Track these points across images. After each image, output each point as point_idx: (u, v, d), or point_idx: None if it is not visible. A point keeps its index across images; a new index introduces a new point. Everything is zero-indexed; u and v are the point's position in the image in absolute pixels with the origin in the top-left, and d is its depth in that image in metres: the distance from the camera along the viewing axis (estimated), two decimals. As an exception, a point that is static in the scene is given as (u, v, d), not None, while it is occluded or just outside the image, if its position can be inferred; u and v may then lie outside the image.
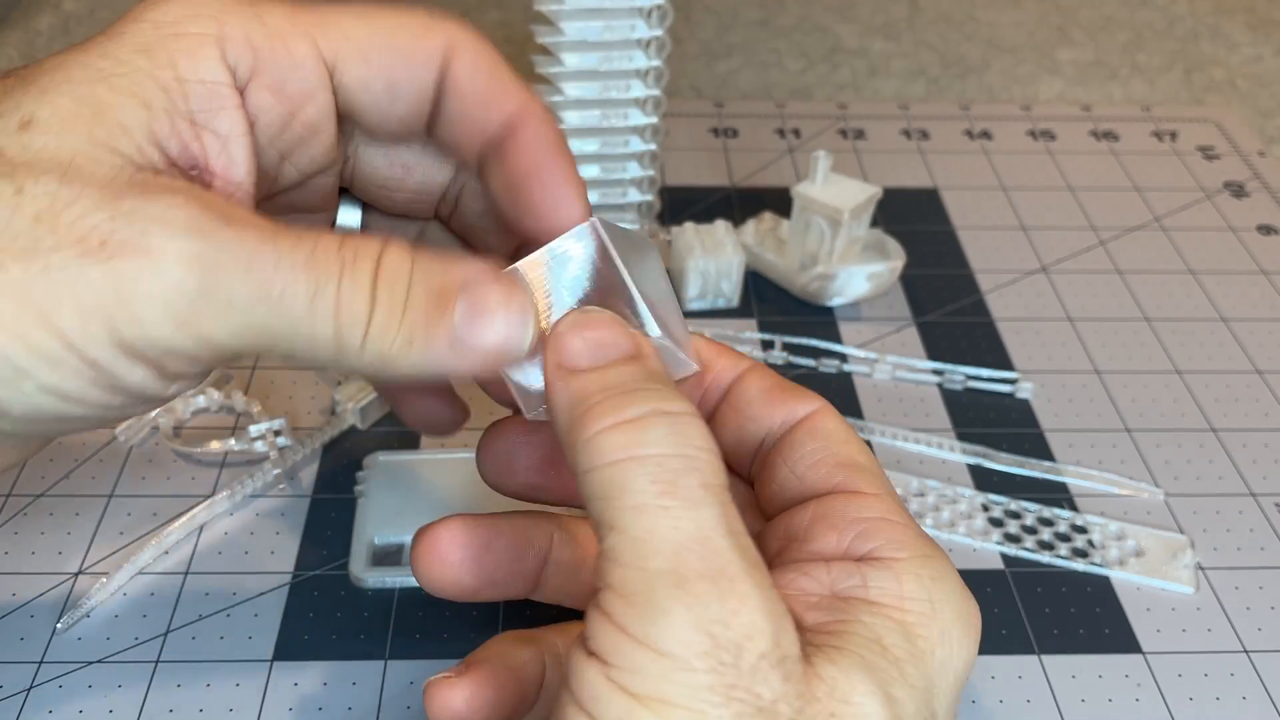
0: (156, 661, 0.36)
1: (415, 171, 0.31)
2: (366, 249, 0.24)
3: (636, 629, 0.22)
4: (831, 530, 0.26)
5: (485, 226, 0.32)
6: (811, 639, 0.24)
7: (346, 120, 0.28)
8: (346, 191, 0.32)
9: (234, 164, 0.26)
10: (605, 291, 0.26)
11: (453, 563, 0.29)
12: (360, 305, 0.24)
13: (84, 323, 0.22)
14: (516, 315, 0.25)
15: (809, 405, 0.29)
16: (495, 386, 0.31)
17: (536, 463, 0.30)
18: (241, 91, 0.26)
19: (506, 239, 0.32)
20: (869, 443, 0.44)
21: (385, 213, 0.32)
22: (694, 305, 0.50)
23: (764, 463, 0.29)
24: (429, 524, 0.30)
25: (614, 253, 0.26)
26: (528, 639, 0.30)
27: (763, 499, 0.29)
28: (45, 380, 0.23)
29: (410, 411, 0.35)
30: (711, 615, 0.22)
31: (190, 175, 0.25)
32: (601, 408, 0.23)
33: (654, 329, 0.26)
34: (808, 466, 0.28)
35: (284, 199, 0.29)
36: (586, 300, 0.26)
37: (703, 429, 0.24)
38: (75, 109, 0.23)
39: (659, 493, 0.22)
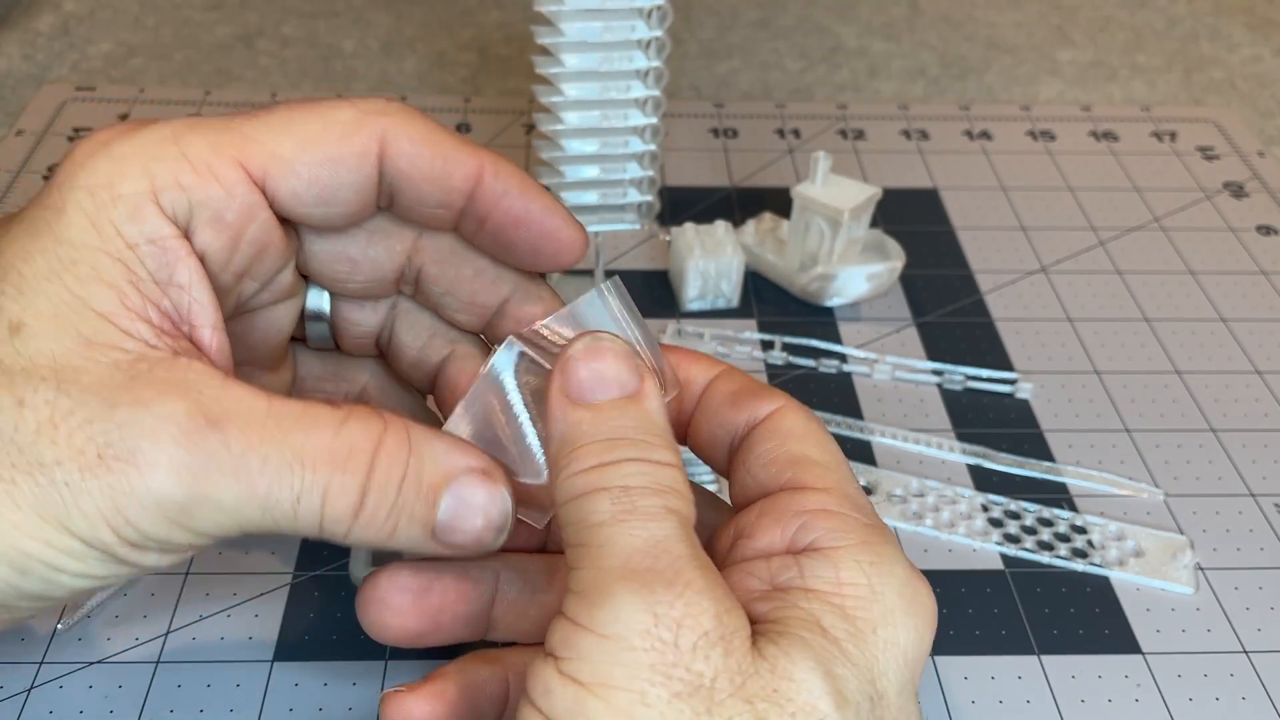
0: (157, 662, 0.36)
1: (362, 266, 0.31)
2: (363, 443, 0.26)
3: (584, 617, 0.23)
4: (775, 526, 0.27)
5: (449, 303, 0.32)
6: (756, 626, 0.25)
7: (291, 221, 0.29)
8: None
9: (201, 307, 0.27)
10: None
11: (395, 607, 0.29)
12: (346, 506, 0.25)
13: (92, 526, 0.24)
14: (497, 519, 0.27)
15: (771, 404, 0.29)
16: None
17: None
18: (185, 234, 0.27)
19: (474, 309, 0.32)
20: (868, 443, 0.44)
21: (348, 296, 0.32)
22: (694, 305, 0.50)
23: (731, 465, 0.30)
24: (370, 573, 0.30)
25: (620, 313, 0.29)
26: (491, 659, 0.31)
27: (733, 502, 0.30)
28: (75, 570, 0.25)
29: None
30: (655, 597, 0.23)
31: (179, 332, 0.26)
32: (588, 450, 0.25)
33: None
34: (762, 465, 0.28)
35: (253, 303, 0.30)
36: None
37: (679, 476, 0.25)
38: (54, 309, 0.25)
39: (619, 511, 0.24)
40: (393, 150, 0.28)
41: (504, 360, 0.28)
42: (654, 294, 0.51)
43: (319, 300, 0.32)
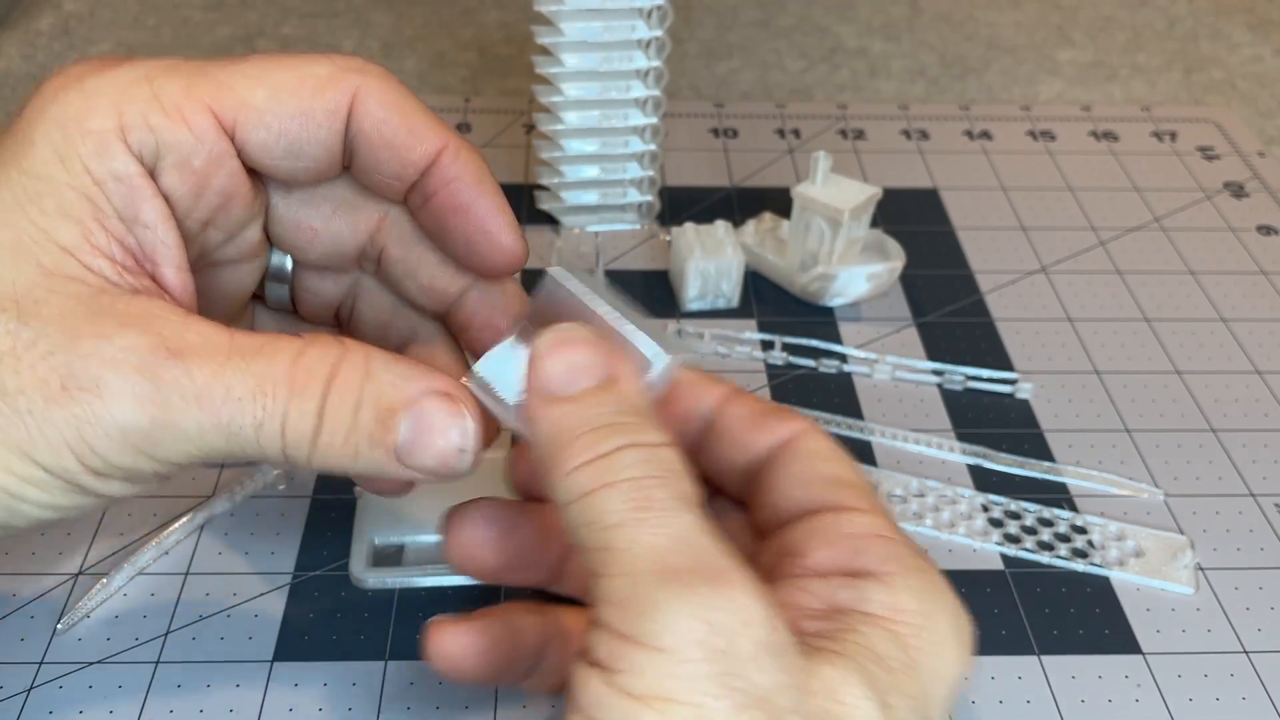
0: (157, 662, 0.36)
1: (324, 237, 0.31)
2: (319, 369, 0.26)
3: (631, 629, 0.22)
4: (825, 546, 0.26)
5: (410, 286, 0.32)
6: (810, 643, 0.24)
7: (259, 173, 0.29)
8: None
9: (166, 247, 0.27)
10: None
11: (480, 540, 0.30)
12: (305, 430, 0.26)
13: (56, 455, 0.25)
14: (457, 440, 0.27)
15: (792, 427, 0.29)
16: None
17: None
18: (152, 175, 0.27)
19: (434, 294, 0.32)
20: (868, 443, 0.44)
21: (309, 265, 0.33)
22: (694, 305, 0.50)
23: (754, 486, 0.29)
24: (460, 503, 0.30)
25: (576, 292, 0.28)
26: (537, 610, 0.31)
27: (757, 521, 0.29)
28: (38, 499, 0.25)
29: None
30: (705, 600, 0.22)
31: (142, 270, 0.27)
32: (577, 445, 0.25)
33: (641, 339, 0.27)
34: (796, 486, 0.28)
35: (217, 255, 0.30)
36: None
37: (674, 455, 0.25)
38: (16, 239, 0.25)
39: (634, 508, 0.23)
40: (360, 111, 0.28)
41: (559, 274, 0.28)
42: (654, 294, 0.51)
43: (282, 261, 0.32)
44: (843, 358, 0.48)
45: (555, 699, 0.35)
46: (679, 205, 0.57)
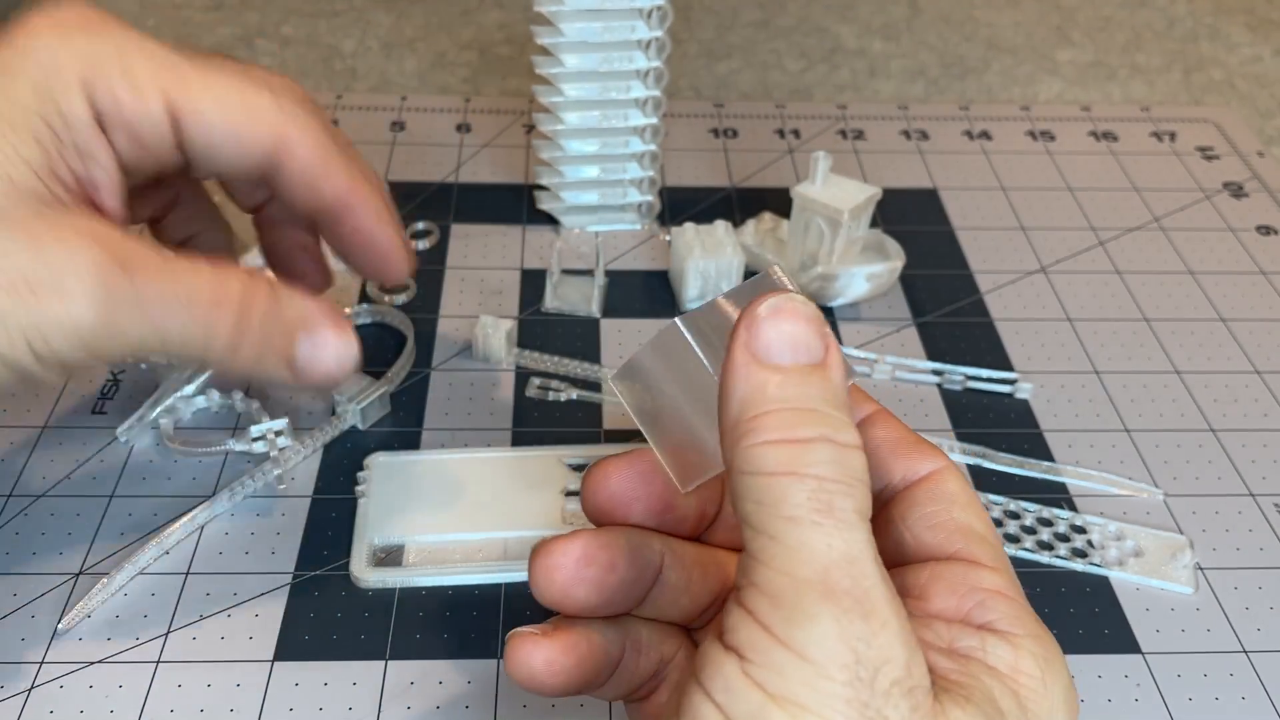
0: (157, 662, 0.36)
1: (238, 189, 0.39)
2: (234, 289, 0.31)
3: (781, 630, 0.22)
4: (950, 594, 0.26)
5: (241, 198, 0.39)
6: (938, 680, 0.24)
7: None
8: None
9: (110, 181, 0.32)
10: None
11: (584, 579, 0.29)
12: (223, 338, 0.31)
13: (11, 344, 0.29)
14: (347, 361, 0.33)
15: (932, 463, 0.28)
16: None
17: (655, 506, 0.30)
18: (104, 129, 0.32)
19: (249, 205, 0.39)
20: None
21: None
22: (694, 305, 0.50)
23: (880, 514, 0.29)
24: (553, 539, 0.29)
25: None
26: (614, 620, 0.30)
27: (881, 554, 0.29)
28: None
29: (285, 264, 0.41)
30: (856, 632, 0.22)
31: (85, 195, 0.31)
32: (773, 418, 0.24)
33: None
34: (926, 528, 0.28)
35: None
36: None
37: (863, 462, 0.24)
38: None
39: (815, 509, 0.23)
40: (284, 151, 0.34)
41: (671, 333, 0.27)
42: (654, 294, 0.51)
43: None
44: (842, 358, 0.48)
45: (559, 702, 0.35)
46: (679, 205, 0.57)
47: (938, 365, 0.48)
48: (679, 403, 0.27)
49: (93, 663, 0.36)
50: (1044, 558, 0.40)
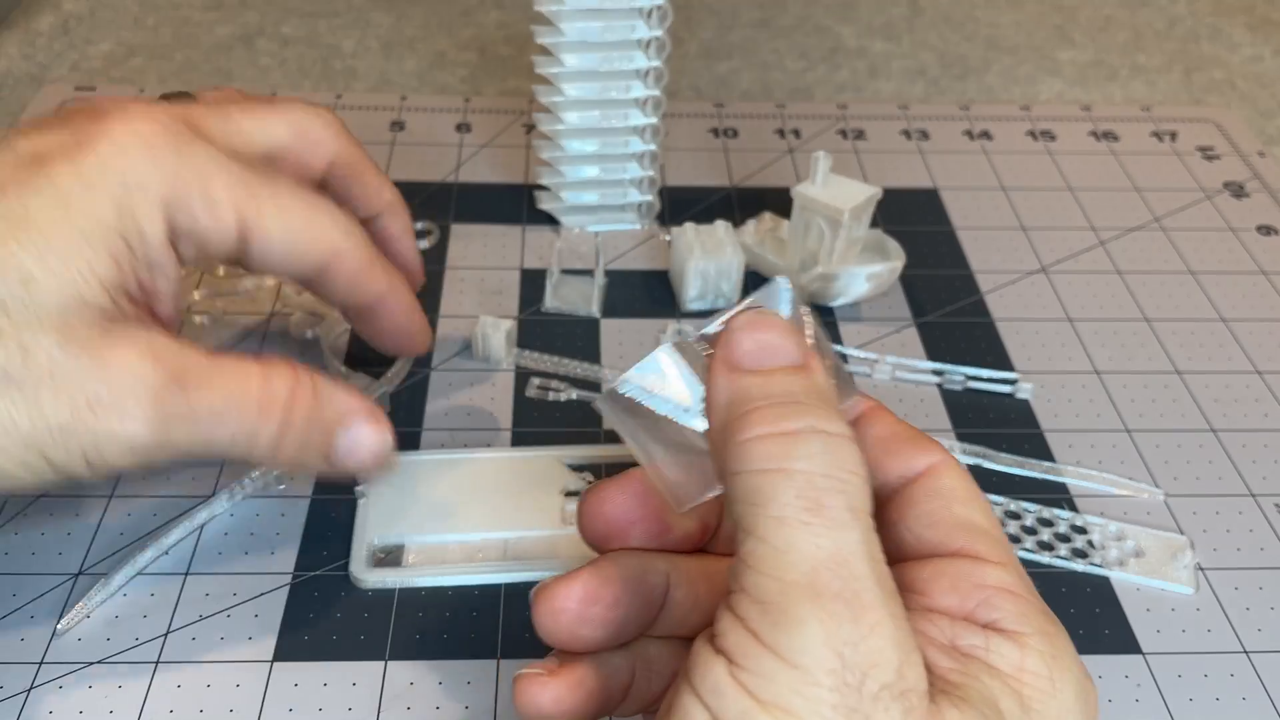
0: (157, 662, 0.36)
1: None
2: (280, 393, 0.33)
3: (768, 636, 0.22)
4: (953, 591, 0.26)
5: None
6: (935, 681, 0.24)
7: None
8: None
9: (170, 289, 0.34)
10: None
11: (589, 618, 0.29)
12: (267, 443, 0.33)
13: (69, 458, 0.30)
14: (381, 452, 0.35)
15: (929, 457, 0.28)
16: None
17: (653, 528, 0.30)
18: (174, 240, 0.33)
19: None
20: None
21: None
22: (694, 305, 0.50)
23: (879, 513, 0.28)
24: (554, 581, 0.29)
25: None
26: (624, 646, 0.30)
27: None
28: (30, 482, 0.30)
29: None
30: (844, 636, 0.22)
31: (144, 302, 0.33)
32: (759, 414, 0.24)
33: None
34: (927, 526, 0.27)
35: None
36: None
37: (856, 453, 0.24)
38: (64, 268, 0.30)
39: (803, 508, 0.23)
40: (335, 264, 0.36)
41: (663, 355, 0.27)
42: (654, 294, 0.51)
43: None
44: (843, 358, 0.48)
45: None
46: (679, 205, 0.57)
47: (938, 365, 0.48)
48: (668, 425, 0.27)
49: (92, 663, 0.36)
50: (1044, 558, 0.40)
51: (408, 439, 0.44)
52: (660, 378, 0.27)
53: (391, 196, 0.41)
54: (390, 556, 0.39)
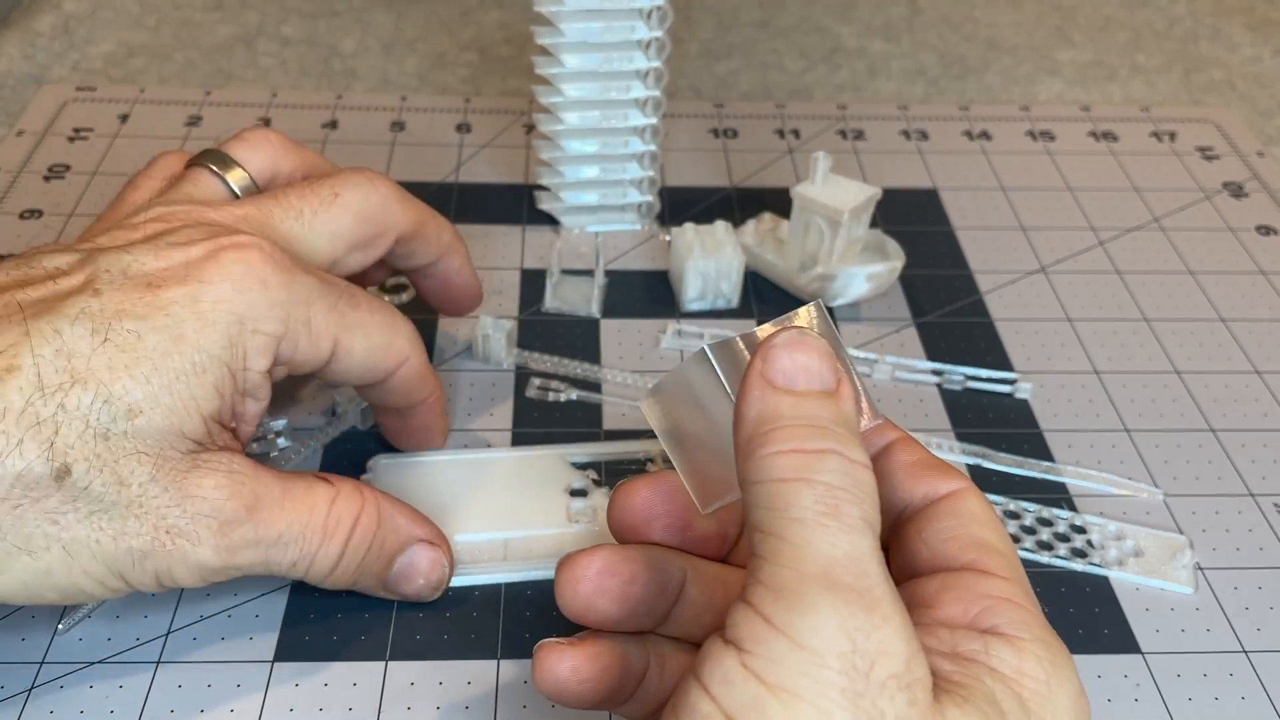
0: (157, 662, 0.36)
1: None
2: (345, 519, 0.34)
3: (780, 619, 0.23)
4: (958, 601, 0.27)
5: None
6: (938, 682, 0.24)
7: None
8: None
9: (257, 410, 0.35)
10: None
11: (603, 589, 0.30)
12: (326, 566, 0.34)
13: (143, 578, 0.32)
14: (436, 580, 0.37)
15: (952, 484, 0.29)
16: None
17: (675, 524, 0.32)
18: (270, 369, 0.34)
19: None
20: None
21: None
22: (694, 306, 0.50)
23: (899, 532, 0.29)
24: (577, 552, 0.31)
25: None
26: (639, 636, 0.31)
27: (892, 566, 0.29)
28: (103, 595, 0.32)
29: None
30: (856, 623, 0.23)
31: (233, 434, 0.34)
32: (786, 432, 0.25)
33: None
34: (941, 541, 0.28)
35: None
36: None
37: (872, 481, 0.25)
38: (171, 403, 0.31)
39: (822, 512, 0.24)
40: (396, 378, 0.38)
41: (699, 360, 0.28)
42: (654, 294, 0.51)
43: None
44: (842, 358, 0.48)
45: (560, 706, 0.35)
46: (679, 205, 0.57)
47: (938, 365, 0.48)
48: (702, 427, 0.28)
49: (93, 663, 0.36)
50: (1044, 558, 0.40)
51: (408, 439, 0.44)
52: (700, 379, 0.28)
53: (450, 237, 0.42)
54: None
